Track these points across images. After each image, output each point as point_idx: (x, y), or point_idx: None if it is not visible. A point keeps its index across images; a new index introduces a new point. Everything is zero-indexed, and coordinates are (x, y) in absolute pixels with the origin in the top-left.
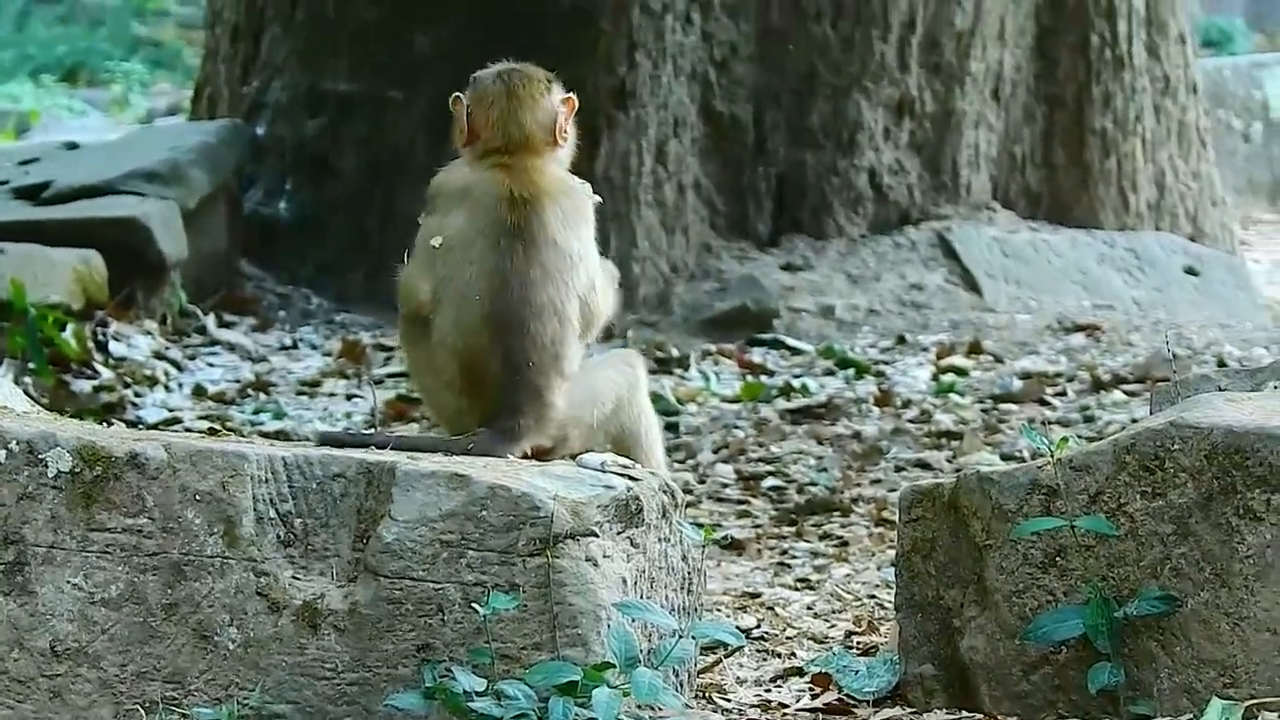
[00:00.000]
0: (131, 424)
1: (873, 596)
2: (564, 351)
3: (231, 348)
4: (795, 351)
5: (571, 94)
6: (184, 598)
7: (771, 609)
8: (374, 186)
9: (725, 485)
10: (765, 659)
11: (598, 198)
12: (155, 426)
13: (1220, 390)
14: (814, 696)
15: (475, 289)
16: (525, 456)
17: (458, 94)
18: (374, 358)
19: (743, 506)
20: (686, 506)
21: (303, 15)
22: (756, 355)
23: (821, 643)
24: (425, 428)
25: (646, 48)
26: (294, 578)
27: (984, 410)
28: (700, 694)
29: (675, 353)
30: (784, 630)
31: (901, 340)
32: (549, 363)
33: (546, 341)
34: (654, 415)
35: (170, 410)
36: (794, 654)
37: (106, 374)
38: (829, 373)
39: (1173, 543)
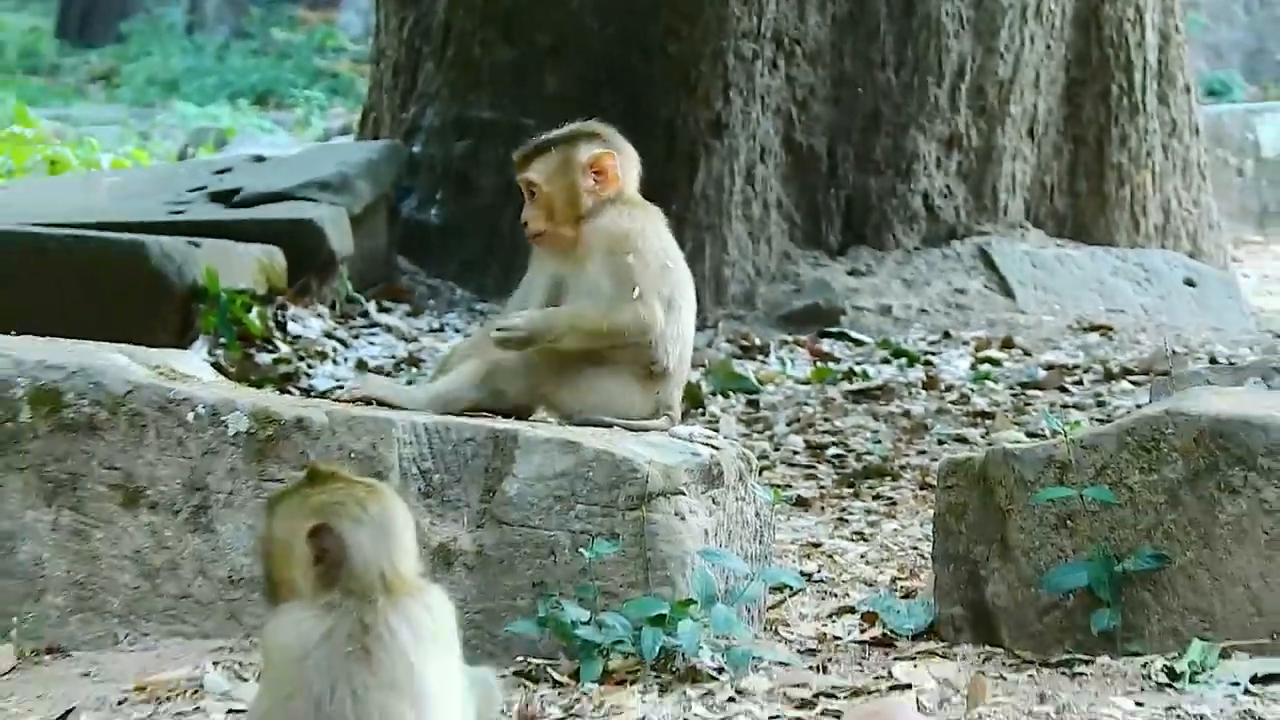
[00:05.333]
0: (305, 392)
1: (915, 548)
2: None
3: (389, 329)
4: (858, 343)
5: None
6: None
7: (830, 557)
8: (507, 201)
9: (795, 453)
10: (823, 599)
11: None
12: (324, 394)
13: (1209, 384)
14: (863, 631)
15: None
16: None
17: (607, 149)
18: None
19: (809, 471)
20: (761, 470)
21: (453, 53)
22: (825, 345)
23: (871, 586)
24: None
25: (739, 87)
26: (431, 524)
27: (1013, 395)
28: (768, 627)
29: (758, 341)
30: (840, 575)
31: (946, 335)
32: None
33: None
34: None
35: (337, 381)
36: (848, 595)
37: (285, 349)
38: (885, 361)
39: (1164, 510)
